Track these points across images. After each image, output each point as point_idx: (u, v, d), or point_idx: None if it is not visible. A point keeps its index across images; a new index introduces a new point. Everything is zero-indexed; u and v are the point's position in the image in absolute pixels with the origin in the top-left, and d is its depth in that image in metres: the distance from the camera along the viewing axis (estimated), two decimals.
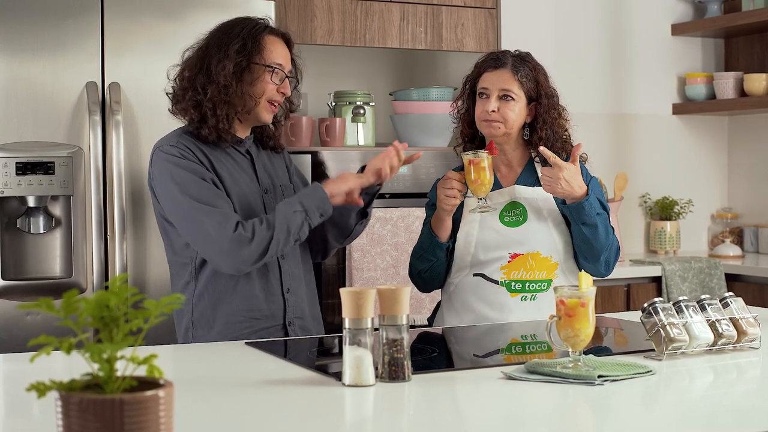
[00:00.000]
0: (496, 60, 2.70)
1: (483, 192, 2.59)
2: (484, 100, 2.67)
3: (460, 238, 2.68)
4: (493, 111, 2.64)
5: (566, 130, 2.74)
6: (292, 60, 2.59)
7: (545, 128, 2.67)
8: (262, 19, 2.57)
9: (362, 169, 2.57)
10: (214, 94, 2.45)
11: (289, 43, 2.58)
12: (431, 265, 2.70)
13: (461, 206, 2.69)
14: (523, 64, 2.69)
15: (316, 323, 2.66)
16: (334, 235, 2.66)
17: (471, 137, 2.77)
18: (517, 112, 2.66)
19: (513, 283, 2.65)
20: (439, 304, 2.82)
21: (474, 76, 2.74)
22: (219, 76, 2.45)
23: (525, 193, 2.69)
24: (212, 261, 2.43)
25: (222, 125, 2.48)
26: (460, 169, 2.67)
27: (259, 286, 2.51)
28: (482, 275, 2.67)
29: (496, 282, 2.66)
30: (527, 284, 2.65)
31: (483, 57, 2.76)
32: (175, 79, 2.55)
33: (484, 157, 2.57)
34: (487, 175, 2.57)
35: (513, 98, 2.65)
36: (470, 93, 2.75)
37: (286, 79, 2.54)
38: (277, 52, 2.52)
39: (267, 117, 2.55)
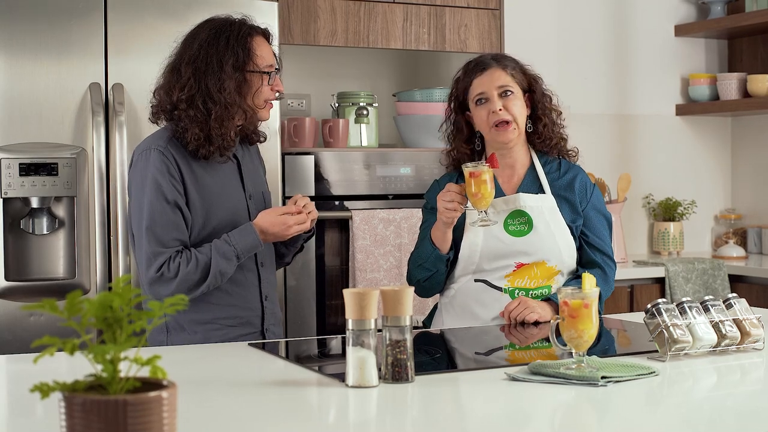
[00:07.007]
0: (478, 64, 2.67)
1: (484, 205, 2.49)
2: (484, 105, 2.64)
3: (464, 248, 2.63)
4: (500, 110, 2.61)
5: (561, 121, 2.73)
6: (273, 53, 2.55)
7: (545, 114, 2.67)
8: (242, 18, 2.51)
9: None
10: (219, 114, 2.42)
11: (269, 38, 2.55)
12: (431, 275, 2.64)
13: (462, 214, 2.63)
14: (505, 58, 2.70)
15: (281, 327, 2.69)
16: (286, 253, 2.69)
17: (470, 154, 2.70)
18: (520, 106, 2.65)
19: (516, 291, 2.62)
20: (436, 306, 2.79)
21: (463, 88, 2.68)
22: (222, 95, 2.41)
23: (529, 201, 2.64)
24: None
25: (227, 143, 2.46)
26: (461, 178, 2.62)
27: (237, 294, 2.50)
28: (485, 281, 2.64)
29: (499, 288, 2.63)
30: (530, 292, 2.62)
31: (461, 71, 2.71)
32: (167, 95, 2.46)
33: (485, 170, 2.47)
34: (488, 188, 2.47)
35: (512, 92, 2.64)
36: (459, 108, 2.70)
37: (277, 76, 2.53)
38: (265, 54, 2.50)
39: (267, 116, 2.55)
